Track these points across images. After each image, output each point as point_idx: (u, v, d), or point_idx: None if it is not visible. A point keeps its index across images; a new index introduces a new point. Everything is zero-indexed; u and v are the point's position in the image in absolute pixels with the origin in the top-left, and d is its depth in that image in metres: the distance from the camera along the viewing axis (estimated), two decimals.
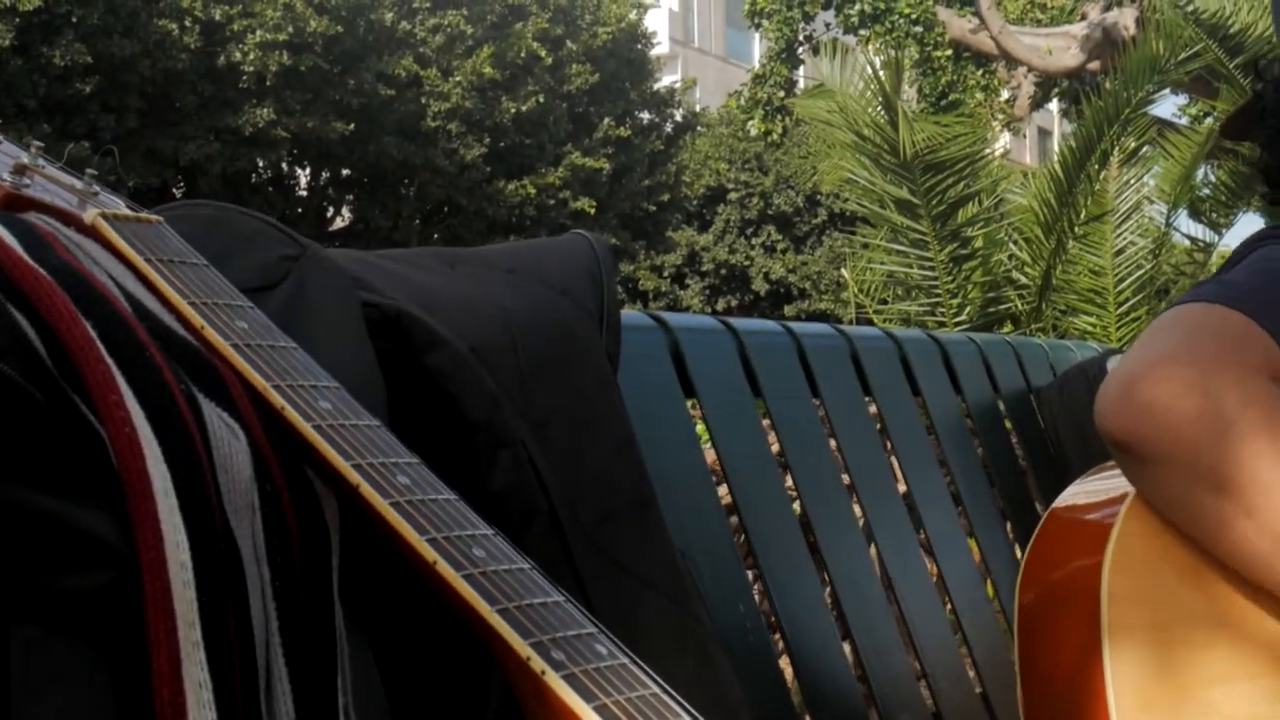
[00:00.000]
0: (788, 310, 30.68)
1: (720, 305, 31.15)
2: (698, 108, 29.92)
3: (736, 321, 1.82)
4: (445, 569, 0.97)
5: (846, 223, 18.36)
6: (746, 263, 31.14)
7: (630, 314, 1.66)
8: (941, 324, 7.83)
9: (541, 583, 1.01)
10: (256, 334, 1.06)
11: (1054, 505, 1.57)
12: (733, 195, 30.93)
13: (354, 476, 0.99)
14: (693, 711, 0.97)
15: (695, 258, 31.43)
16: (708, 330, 1.78)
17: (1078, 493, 1.57)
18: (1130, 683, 1.36)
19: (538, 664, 0.93)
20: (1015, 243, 8.12)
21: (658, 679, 0.98)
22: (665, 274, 31.45)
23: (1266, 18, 8.81)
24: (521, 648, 0.94)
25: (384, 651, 1.16)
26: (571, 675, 0.93)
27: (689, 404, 1.69)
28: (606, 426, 1.35)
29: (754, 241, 31.16)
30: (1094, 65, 14.04)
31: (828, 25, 19.83)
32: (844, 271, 9.08)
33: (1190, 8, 8.65)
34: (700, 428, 1.75)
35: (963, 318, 7.85)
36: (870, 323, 8.07)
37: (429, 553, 0.97)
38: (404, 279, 1.27)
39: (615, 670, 0.96)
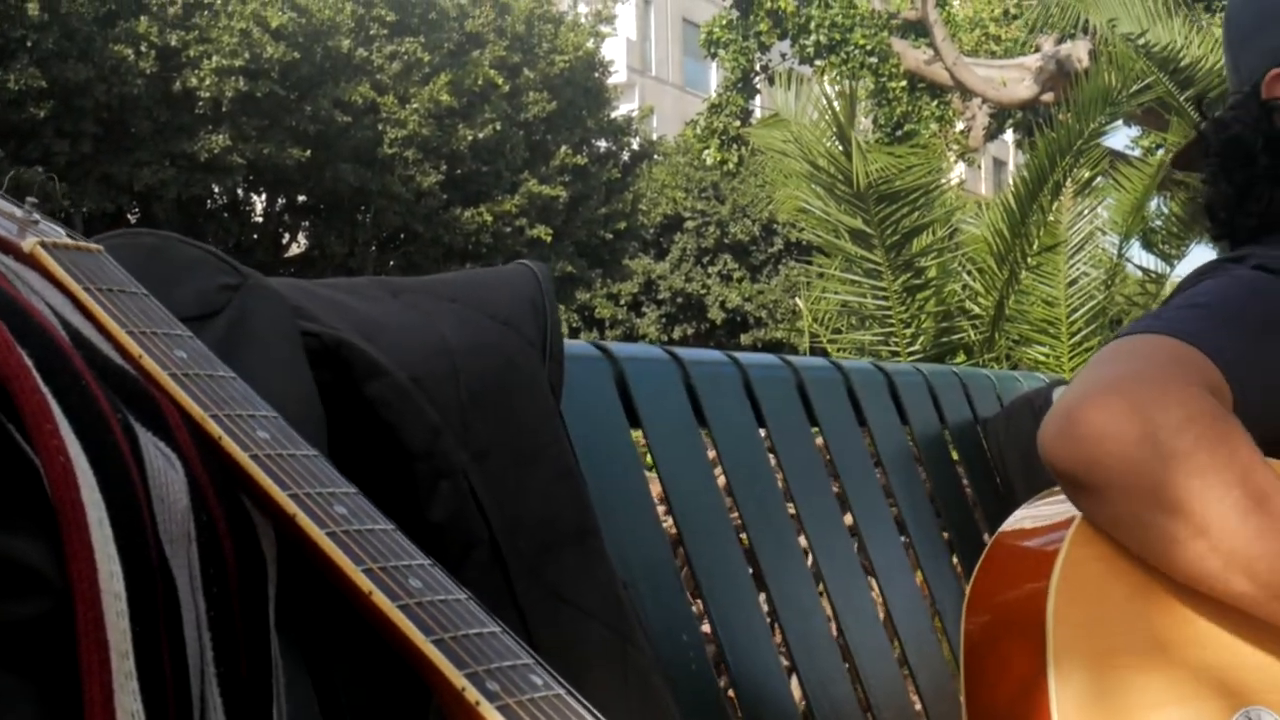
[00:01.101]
0: (744, 339, 30.73)
1: (676, 334, 31.18)
2: (655, 136, 29.99)
3: (682, 351, 1.83)
4: (381, 599, 0.97)
5: (803, 252, 18.43)
6: (703, 291, 31.18)
7: (575, 344, 1.66)
8: (895, 354, 7.87)
9: (478, 613, 1.01)
10: (195, 363, 1.06)
11: (999, 531, 1.58)
12: (689, 224, 30.98)
13: (290, 506, 0.99)
14: None
15: (651, 286, 31.46)
16: (653, 360, 1.78)
17: (1023, 519, 1.58)
18: (1074, 709, 1.36)
19: (472, 695, 0.93)
20: (969, 273, 8.16)
21: (593, 710, 0.98)
22: (621, 302, 31.47)
23: (1217, 51, 8.89)
24: (456, 678, 0.94)
25: (323, 682, 1.16)
26: (506, 706, 0.93)
27: (634, 434, 1.69)
28: (548, 456, 1.36)
29: (710, 270, 31.20)
30: (1048, 97, 14.13)
31: (784, 55, 19.91)
32: (799, 301, 9.10)
33: (1142, 41, 8.73)
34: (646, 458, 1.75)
35: (916, 347, 7.89)
36: (825, 352, 8.10)
37: (364, 583, 0.97)
38: (346, 308, 1.27)
39: (550, 701, 0.96)
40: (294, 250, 23.82)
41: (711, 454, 1.87)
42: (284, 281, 1.26)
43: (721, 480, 1.87)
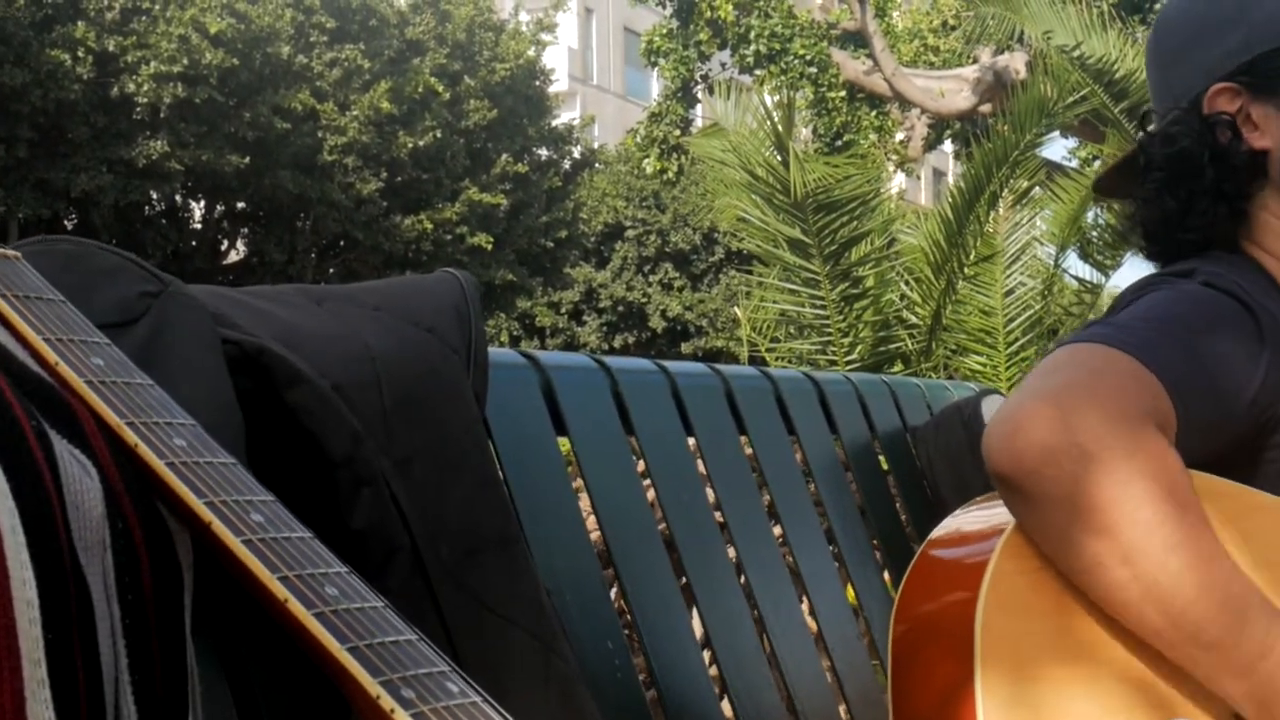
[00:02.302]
0: (685, 347, 30.75)
1: (617, 342, 31.18)
2: (596, 145, 29.99)
3: (610, 360, 1.83)
4: (296, 607, 0.97)
5: (743, 261, 18.46)
6: (644, 300, 31.20)
7: (502, 352, 1.66)
8: (833, 363, 7.89)
9: (394, 621, 1.01)
10: (112, 371, 1.06)
11: (928, 540, 1.58)
12: (630, 232, 31.00)
13: (206, 514, 0.99)
14: None
15: (593, 294, 31.46)
16: (580, 368, 1.79)
17: (952, 528, 1.59)
18: (1000, 718, 1.37)
19: (387, 702, 0.93)
20: (906, 282, 8.20)
21: (507, 716, 0.98)
22: (563, 310, 31.45)
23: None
24: (371, 686, 0.94)
25: (241, 689, 1.16)
26: (421, 714, 0.93)
27: (562, 442, 1.69)
28: (471, 464, 1.36)
29: (651, 279, 31.23)
30: (986, 108, 14.22)
31: (724, 65, 19.94)
32: (737, 310, 9.12)
33: (1077, 53, 8.80)
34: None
35: (854, 356, 7.91)
36: (763, 361, 8.12)
37: (280, 591, 0.97)
38: (268, 316, 1.27)
39: (465, 708, 0.96)
40: (233, 257, 23.69)
41: (641, 466, 1.88)
42: (205, 289, 1.26)
43: (650, 489, 1.87)
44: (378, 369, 1.30)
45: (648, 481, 1.87)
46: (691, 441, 1.97)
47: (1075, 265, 8.79)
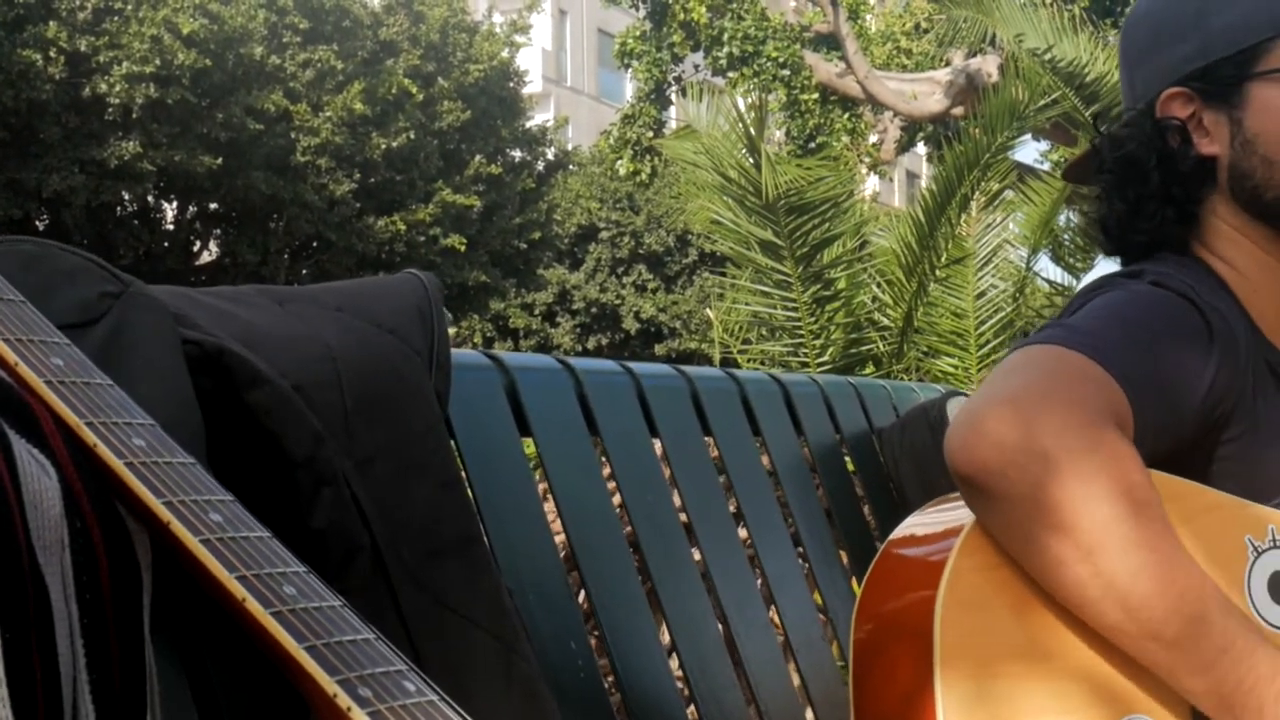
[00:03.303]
0: (658, 349, 30.74)
1: (591, 344, 31.16)
2: (570, 146, 29.94)
3: (575, 361, 1.84)
4: (254, 606, 0.97)
5: (716, 263, 18.47)
6: (617, 301, 31.19)
7: (466, 353, 1.67)
8: (805, 365, 7.90)
9: (352, 620, 1.01)
10: (71, 371, 1.06)
11: (888, 540, 1.59)
12: (604, 234, 30.98)
13: (165, 514, 0.99)
14: None
15: (566, 296, 31.43)
16: (544, 369, 1.79)
17: (912, 527, 1.60)
18: (960, 716, 1.38)
19: (344, 701, 0.94)
20: (878, 285, 8.21)
21: (465, 715, 0.98)
22: (536, 312, 31.41)
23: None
24: (328, 684, 0.95)
25: (202, 689, 1.16)
26: (377, 712, 0.94)
27: (526, 444, 1.70)
28: (432, 465, 1.36)
29: (625, 280, 31.21)
30: (958, 110, 14.26)
31: (697, 67, 19.96)
32: (709, 311, 9.12)
33: (1048, 56, 8.83)
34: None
35: (825, 359, 7.92)
36: (736, 363, 8.12)
37: (238, 590, 0.98)
38: (229, 316, 1.28)
39: (422, 707, 0.97)
40: (205, 258, 23.62)
41: (606, 468, 1.88)
42: (167, 289, 1.26)
43: (614, 490, 1.87)
44: (339, 369, 1.30)
45: (612, 483, 1.88)
46: (657, 443, 1.97)
47: (1047, 268, 8.84)
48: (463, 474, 1.51)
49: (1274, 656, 1.43)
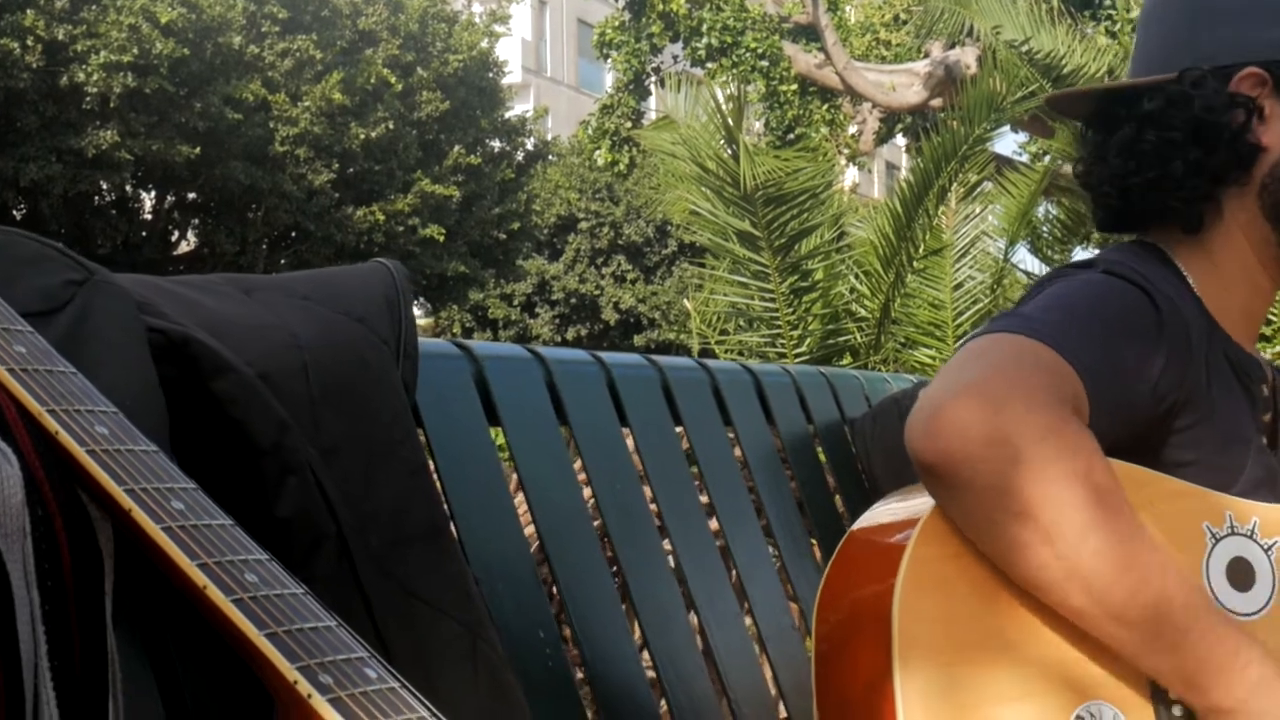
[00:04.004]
0: (637, 340, 30.76)
1: (570, 334, 31.17)
2: (549, 137, 29.92)
3: (544, 350, 1.84)
4: (215, 593, 0.97)
5: (696, 254, 18.47)
6: (597, 292, 31.19)
7: (435, 342, 1.67)
8: (782, 355, 7.91)
9: (314, 607, 1.02)
10: (34, 359, 1.06)
11: (852, 529, 1.60)
12: (583, 225, 30.98)
13: (126, 501, 1.00)
14: None
15: (545, 287, 31.42)
16: (514, 359, 1.79)
17: (876, 515, 1.61)
18: (919, 702, 1.39)
19: (304, 688, 0.94)
20: (855, 276, 8.22)
21: (426, 703, 0.99)
22: (515, 303, 31.41)
23: (1099, 59, 9.03)
24: (288, 671, 0.95)
25: (167, 677, 1.16)
26: (338, 699, 0.94)
27: (495, 433, 1.70)
28: (399, 453, 1.37)
29: (604, 271, 31.22)
30: (936, 102, 14.27)
31: (675, 58, 19.95)
32: (687, 302, 9.13)
33: (1025, 48, 8.84)
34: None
35: (803, 349, 7.93)
36: (713, 354, 8.13)
37: (199, 577, 0.98)
38: (195, 305, 1.28)
39: (383, 694, 0.97)
40: (183, 248, 23.56)
41: (576, 457, 1.89)
42: (133, 278, 1.26)
43: (584, 479, 1.88)
44: (305, 358, 1.30)
45: (582, 472, 1.88)
46: (628, 433, 1.98)
47: (1025, 259, 8.87)
48: (430, 463, 1.51)
49: (1236, 634, 1.44)
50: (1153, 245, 1.77)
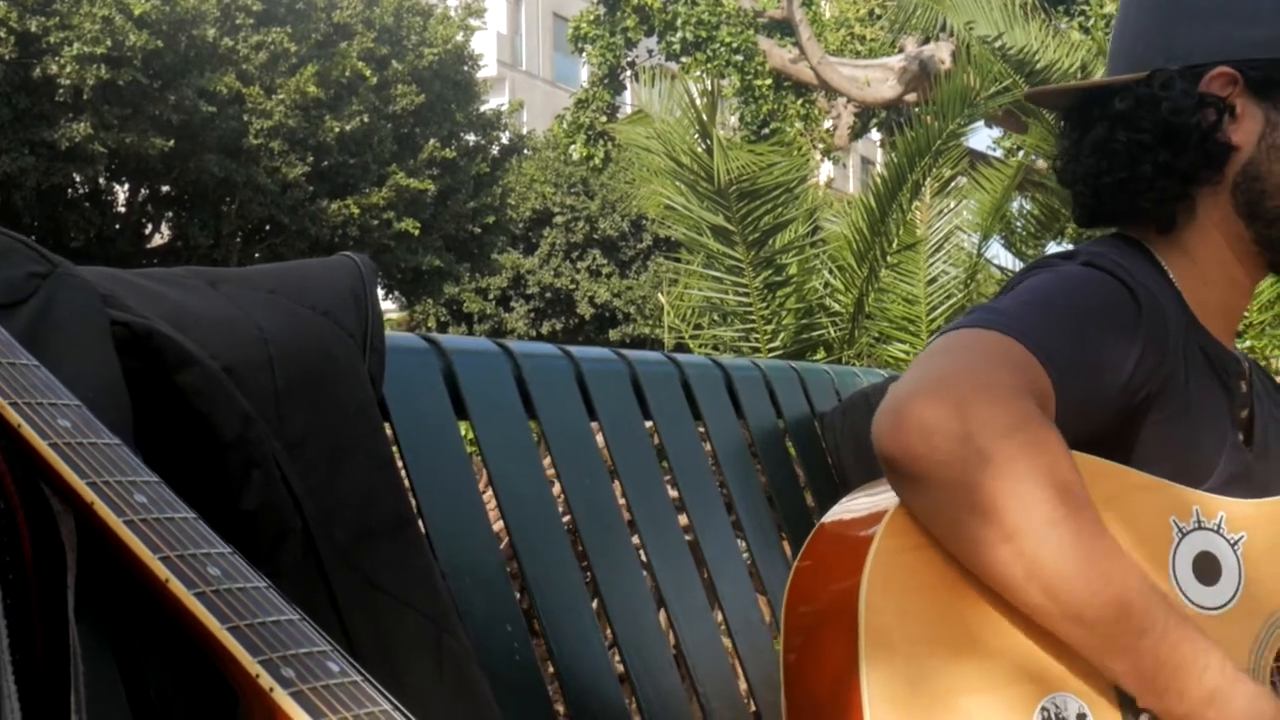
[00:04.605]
0: (612, 334, 30.76)
1: (545, 329, 31.15)
2: (524, 131, 29.92)
3: (513, 344, 1.84)
4: (177, 587, 0.97)
5: (671, 248, 18.47)
6: (572, 286, 31.18)
7: (402, 335, 1.66)
8: (756, 350, 7.91)
9: (276, 600, 1.01)
10: None
11: (820, 522, 1.61)
12: (558, 219, 30.97)
13: (89, 495, 0.99)
14: None
15: (520, 281, 31.41)
16: (481, 353, 1.79)
17: (844, 509, 1.61)
18: (886, 694, 1.39)
19: (266, 681, 0.94)
20: (829, 270, 8.22)
21: (389, 696, 0.99)
22: (490, 297, 31.38)
23: (1073, 54, 9.05)
24: (250, 665, 0.95)
25: (131, 671, 1.16)
26: (300, 693, 0.94)
27: (462, 426, 1.70)
28: (365, 447, 1.36)
29: (579, 265, 31.22)
30: (911, 97, 14.30)
31: (650, 52, 19.96)
32: (661, 296, 9.13)
33: (998, 44, 8.86)
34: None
35: (776, 344, 7.94)
36: (687, 348, 8.14)
37: (161, 570, 0.98)
38: (160, 297, 1.27)
39: (345, 688, 0.97)
40: (157, 241, 23.51)
41: (544, 451, 1.88)
42: (97, 270, 1.26)
43: (552, 473, 1.88)
44: (271, 351, 1.30)
45: (551, 467, 1.88)
46: (596, 427, 1.98)
47: (999, 254, 8.88)
48: (398, 457, 1.51)
49: (1194, 638, 1.44)
50: (1135, 240, 1.78)
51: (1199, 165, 1.72)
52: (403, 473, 1.52)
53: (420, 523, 1.51)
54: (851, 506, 1.60)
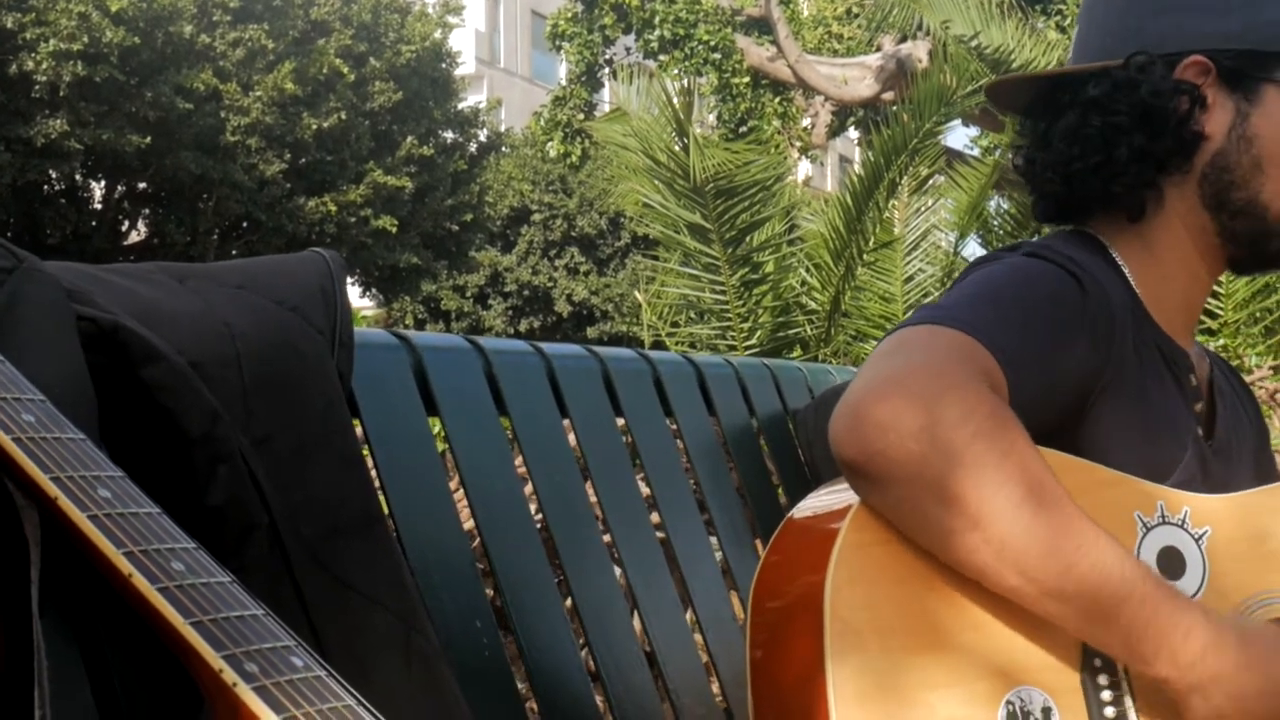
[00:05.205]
0: (590, 332, 30.77)
1: (523, 326, 31.14)
2: (503, 128, 29.90)
3: (484, 340, 1.83)
4: (140, 582, 0.97)
5: (649, 246, 18.47)
6: (550, 284, 31.19)
7: (373, 331, 1.66)
8: (732, 347, 7.92)
9: (240, 596, 1.01)
10: None
11: (788, 516, 1.60)
12: (536, 216, 30.97)
13: (52, 489, 0.99)
14: None
15: (498, 278, 31.40)
16: (452, 349, 1.79)
17: (812, 504, 1.61)
18: (852, 688, 1.39)
19: (229, 676, 0.94)
20: (806, 269, 8.23)
21: (353, 691, 0.99)
22: (468, 294, 31.37)
23: (1049, 54, 9.07)
24: (213, 660, 0.95)
25: (97, 666, 1.16)
26: (263, 687, 0.94)
27: (432, 423, 1.70)
28: (333, 443, 1.36)
29: (557, 263, 31.22)
30: (888, 95, 14.31)
31: (628, 50, 19.96)
32: (638, 294, 9.13)
33: (975, 43, 8.87)
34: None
35: (753, 342, 7.94)
36: (664, 346, 8.14)
37: (125, 565, 0.98)
38: (127, 293, 1.27)
39: (309, 682, 0.97)
40: (134, 238, 23.45)
41: (515, 449, 1.88)
42: (64, 265, 1.26)
43: (523, 470, 1.88)
44: (238, 347, 1.30)
45: (522, 464, 1.88)
46: (568, 424, 1.98)
47: (976, 252, 8.87)
48: (366, 453, 1.51)
49: (1175, 600, 1.44)
50: (1088, 234, 1.79)
51: (1172, 152, 1.72)
52: (373, 470, 1.51)
53: (390, 519, 1.51)
54: (819, 501, 1.60)
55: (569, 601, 1.87)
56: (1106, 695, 1.49)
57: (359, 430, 1.52)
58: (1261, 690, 1.47)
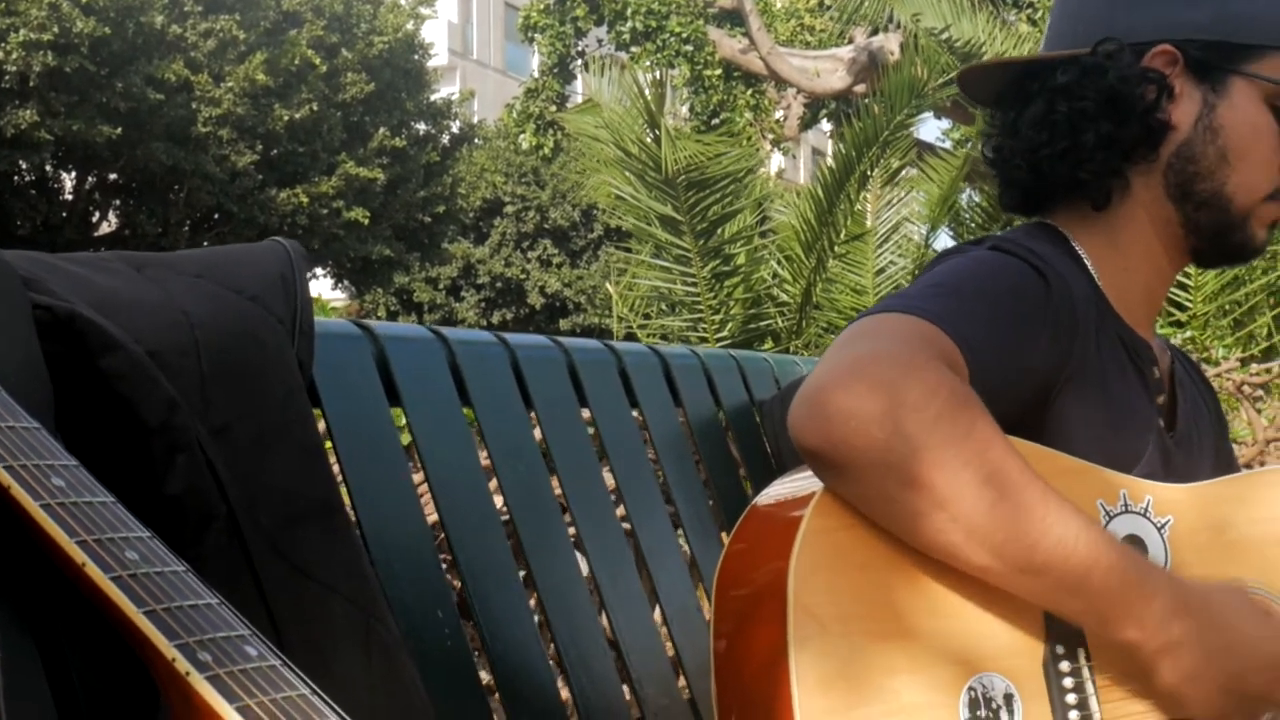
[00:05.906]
0: (563, 324, 30.76)
1: (496, 318, 31.13)
2: (476, 120, 29.87)
3: (447, 331, 1.83)
4: (94, 571, 0.97)
5: (622, 238, 18.48)
6: (522, 276, 31.17)
7: (335, 321, 1.66)
8: (704, 339, 7.93)
9: (195, 585, 1.01)
10: None
11: (751, 504, 1.60)
12: (509, 208, 30.95)
13: (5, 478, 0.99)
14: (340, 712, 0.97)
15: (471, 270, 31.37)
16: (415, 339, 1.78)
17: (775, 491, 1.61)
18: (814, 674, 1.39)
19: (182, 665, 0.94)
20: (777, 261, 8.25)
21: (308, 680, 0.98)
22: (440, 286, 31.34)
23: (1020, 47, 9.09)
24: (167, 649, 0.94)
25: (53, 657, 1.15)
26: (216, 677, 0.94)
27: (395, 413, 1.69)
28: (292, 432, 1.36)
29: (530, 255, 31.21)
30: (860, 88, 14.34)
31: (600, 41, 19.93)
32: (610, 286, 9.13)
33: (945, 36, 8.89)
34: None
35: (724, 334, 7.96)
36: (636, 339, 8.14)
37: (78, 554, 0.97)
38: (84, 281, 1.26)
39: (263, 671, 0.96)
40: (105, 229, 23.37)
41: (479, 439, 1.88)
42: (19, 254, 1.25)
43: (487, 460, 1.87)
44: (196, 336, 1.29)
45: (485, 454, 1.88)
46: (532, 415, 1.97)
47: (948, 245, 8.89)
48: (327, 443, 1.50)
49: (1140, 566, 1.46)
50: (1051, 227, 1.79)
51: (1139, 140, 1.73)
52: (334, 459, 1.51)
53: (351, 509, 1.50)
54: (783, 488, 1.60)
55: (533, 592, 1.87)
56: (1068, 682, 1.50)
57: (320, 421, 1.52)
58: (1229, 647, 1.48)
